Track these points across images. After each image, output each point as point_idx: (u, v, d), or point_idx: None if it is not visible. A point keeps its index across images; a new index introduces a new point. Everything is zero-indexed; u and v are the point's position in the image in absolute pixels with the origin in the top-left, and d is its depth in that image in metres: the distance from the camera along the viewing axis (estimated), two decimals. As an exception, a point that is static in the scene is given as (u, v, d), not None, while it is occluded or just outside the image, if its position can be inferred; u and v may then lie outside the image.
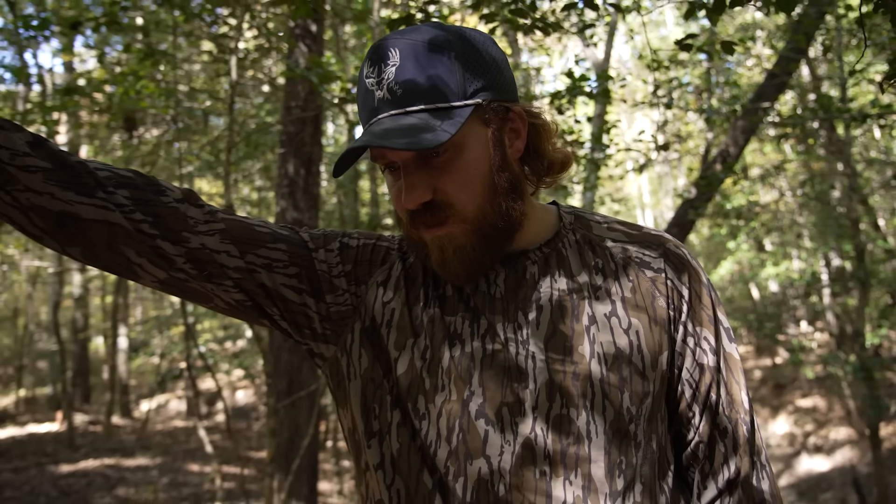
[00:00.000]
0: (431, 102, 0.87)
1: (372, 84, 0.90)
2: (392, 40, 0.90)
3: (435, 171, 0.90)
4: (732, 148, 6.39)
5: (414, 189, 0.89)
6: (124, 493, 8.23)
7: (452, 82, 0.88)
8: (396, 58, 0.88)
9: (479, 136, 0.91)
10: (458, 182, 0.90)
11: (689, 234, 6.92)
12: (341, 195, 7.44)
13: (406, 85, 0.87)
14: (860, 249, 8.69)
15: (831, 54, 7.78)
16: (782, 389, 14.24)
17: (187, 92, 6.59)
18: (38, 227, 0.88)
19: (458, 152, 0.90)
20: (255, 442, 11.77)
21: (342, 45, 7.86)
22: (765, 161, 12.56)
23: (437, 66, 0.88)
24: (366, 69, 0.91)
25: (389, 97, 0.88)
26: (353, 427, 0.98)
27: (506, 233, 0.93)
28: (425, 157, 0.89)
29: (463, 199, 0.90)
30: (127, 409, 14.04)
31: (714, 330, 0.97)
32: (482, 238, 0.91)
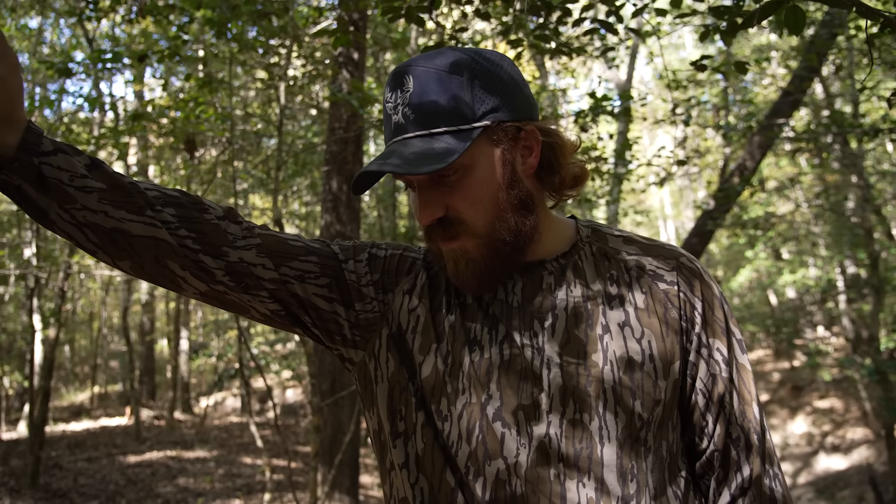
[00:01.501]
0: (440, 126, 0.87)
1: (390, 109, 0.91)
2: (408, 67, 0.90)
3: (447, 189, 0.90)
4: (749, 162, 6.26)
5: (427, 206, 0.90)
6: (184, 483, 8.36)
7: (462, 106, 0.88)
8: (410, 84, 0.88)
9: (488, 155, 0.90)
10: (467, 200, 0.89)
11: (709, 244, 6.79)
12: (381, 209, 7.48)
13: (417, 110, 0.87)
14: (874, 257, 8.42)
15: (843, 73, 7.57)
16: (800, 391, 13.84)
17: (242, 116, 6.71)
18: (93, 242, 0.90)
19: (468, 172, 0.89)
20: (302, 437, 11.87)
21: (382, 71, 7.93)
22: (780, 174, 12.28)
23: (448, 92, 0.88)
24: (386, 94, 0.92)
25: (403, 122, 0.88)
26: (378, 428, 0.98)
27: (516, 247, 0.92)
28: (438, 177, 0.89)
29: (473, 216, 0.90)
30: (188, 405, 14.30)
31: (727, 341, 0.94)
32: (493, 252, 0.90)
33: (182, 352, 13.56)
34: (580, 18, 2.28)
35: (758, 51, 10.77)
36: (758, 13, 1.23)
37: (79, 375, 18.36)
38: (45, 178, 0.85)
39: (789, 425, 12.99)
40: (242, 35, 4.35)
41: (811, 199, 11.37)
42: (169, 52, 3.26)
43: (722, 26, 1.96)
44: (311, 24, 5.32)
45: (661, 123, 6.11)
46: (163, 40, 6.30)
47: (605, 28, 2.28)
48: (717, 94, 7.98)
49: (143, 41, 7.02)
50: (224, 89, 4.86)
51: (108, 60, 4.63)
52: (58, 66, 4.19)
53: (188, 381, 14.68)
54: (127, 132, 4.47)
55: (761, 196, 9.92)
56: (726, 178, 6.38)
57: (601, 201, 7.60)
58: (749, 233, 9.17)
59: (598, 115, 4.10)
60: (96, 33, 8.00)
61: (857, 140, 7.12)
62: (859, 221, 8.95)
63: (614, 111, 4.13)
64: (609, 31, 2.28)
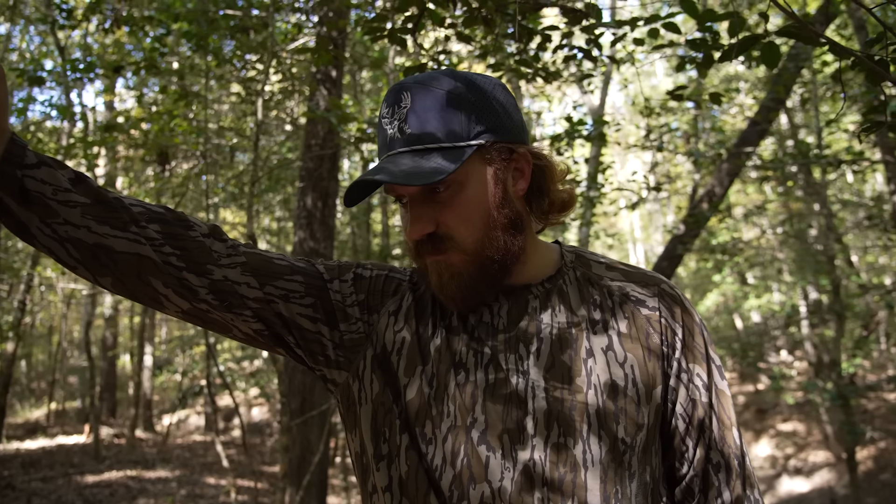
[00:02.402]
0: (435, 142, 0.88)
1: (386, 123, 0.92)
2: (407, 84, 0.92)
3: (438, 205, 0.91)
4: (718, 188, 6.40)
5: (418, 221, 0.91)
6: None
7: (457, 124, 0.89)
8: (408, 101, 0.90)
9: (480, 174, 0.92)
10: (458, 217, 0.90)
11: (678, 268, 6.90)
12: (355, 226, 7.46)
13: (414, 126, 0.89)
14: (836, 284, 8.65)
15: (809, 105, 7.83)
16: (764, 414, 14.06)
17: (216, 130, 6.65)
18: (74, 258, 0.88)
19: (460, 189, 0.91)
20: (268, 457, 11.64)
21: (359, 89, 7.95)
22: (747, 201, 12.58)
23: (444, 110, 0.90)
24: (383, 109, 0.94)
25: (399, 136, 0.90)
26: (361, 450, 0.97)
27: (503, 265, 0.92)
28: (430, 192, 0.90)
29: (462, 233, 0.91)
30: (149, 423, 13.93)
31: (706, 367, 0.96)
32: (479, 269, 0.91)
33: (145, 368, 13.24)
34: (561, 45, 2.33)
35: (726, 80, 11.08)
36: (736, 48, 1.27)
37: (35, 391, 17.78)
38: (27, 192, 0.84)
39: (753, 448, 13.17)
40: (220, 49, 4.33)
41: (776, 226, 11.67)
42: (146, 64, 3.23)
43: (698, 58, 2.01)
44: (290, 41, 5.33)
45: (632, 148, 6.23)
46: (136, 51, 6.24)
47: (585, 56, 2.32)
48: (688, 122, 8.18)
49: (115, 51, 6.93)
50: (199, 102, 4.82)
51: (82, 70, 4.56)
52: (29, 75, 4.12)
53: (151, 399, 14.32)
54: (99, 143, 4.40)
55: (729, 222, 10.15)
56: (695, 204, 6.52)
57: (573, 224, 7.69)
58: (716, 257, 9.36)
59: (573, 140, 4.17)
60: (68, 42, 7.88)
61: (822, 170, 7.35)
62: (822, 249, 9.20)
63: (589, 136, 4.20)
64: (588, 58, 2.33)
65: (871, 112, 2.28)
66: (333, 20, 4.67)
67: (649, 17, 2.21)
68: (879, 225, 7.38)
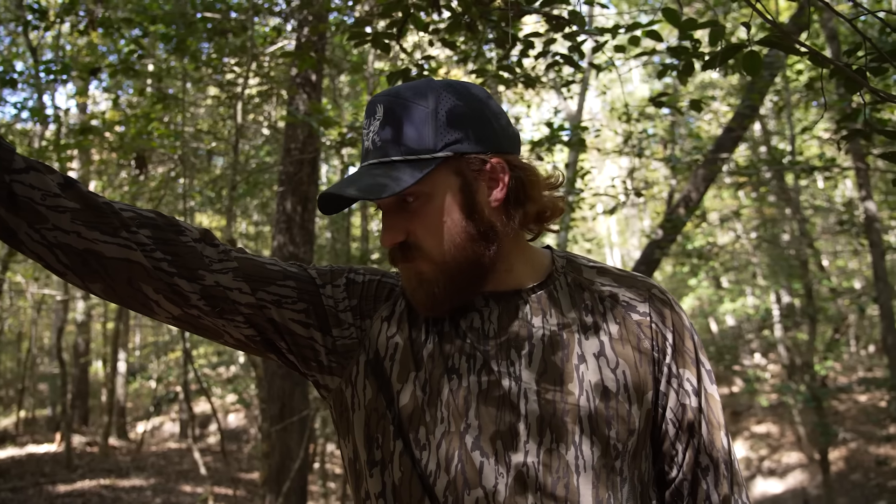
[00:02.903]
0: (402, 155, 0.89)
1: (364, 135, 0.95)
2: (380, 97, 0.94)
3: (409, 215, 0.92)
4: (694, 194, 6.49)
5: (389, 230, 0.93)
6: (119, 513, 7.97)
7: (426, 136, 0.90)
8: (380, 113, 0.92)
9: (450, 185, 0.92)
10: (425, 227, 0.92)
11: (655, 272, 6.98)
12: (333, 231, 7.42)
13: (383, 137, 0.91)
14: (809, 288, 8.82)
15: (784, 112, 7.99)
16: (739, 416, 14.26)
17: (193, 133, 6.58)
18: (63, 264, 0.87)
19: (428, 200, 0.92)
20: (245, 464, 11.50)
21: (338, 94, 7.93)
22: (722, 206, 12.77)
23: (411, 122, 0.90)
24: (364, 120, 0.96)
25: (372, 148, 0.92)
26: (354, 457, 0.96)
27: (473, 275, 0.93)
28: (401, 202, 0.92)
29: (430, 243, 0.92)
30: (123, 431, 13.69)
31: (696, 371, 0.97)
32: (447, 278, 0.92)
33: (119, 374, 13.01)
34: (544, 52, 2.35)
35: (701, 88, 11.25)
36: (720, 56, 1.30)
37: (3, 399, 17.36)
38: (16, 197, 0.82)
39: (729, 450, 13.30)
40: (198, 52, 4.29)
41: (749, 231, 11.87)
42: (123, 66, 3.19)
43: (679, 65, 2.05)
44: (269, 44, 5.29)
45: (605, 153, 6.29)
46: (111, 54, 6.15)
47: (568, 63, 2.35)
48: (665, 128, 8.30)
49: (88, 53, 6.83)
50: (177, 106, 4.77)
51: (56, 72, 4.49)
52: (0, 77, 4.04)
53: (124, 406, 14.07)
54: (74, 146, 4.33)
55: (704, 227, 10.30)
56: (672, 209, 6.60)
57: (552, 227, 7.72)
58: (692, 262, 9.48)
59: (553, 145, 4.20)
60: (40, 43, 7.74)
61: (795, 176, 7.49)
62: (794, 253, 9.38)
63: (570, 141, 4.24)
64: (571, 65, 2.35)
65: (844, 120, 2.34)
66: (313, 24, 4.65)
67: (630, 25, 2.24)
68: (850, 230, 7.55)
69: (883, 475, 10.46)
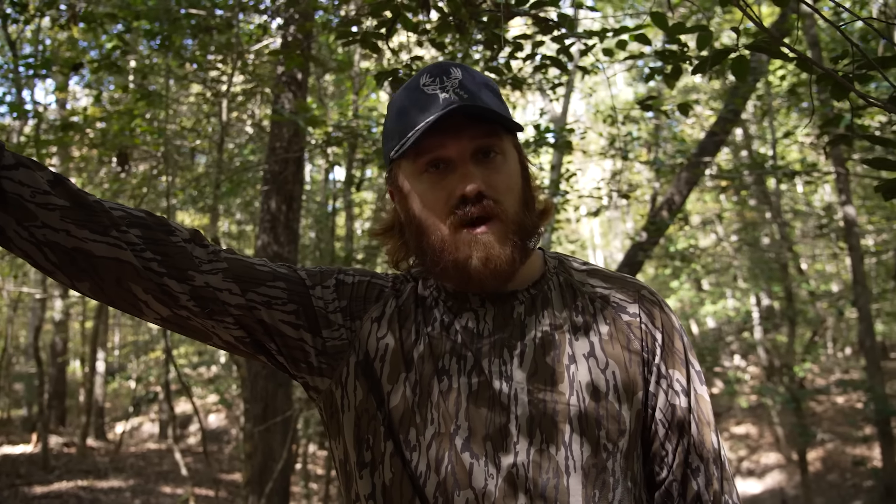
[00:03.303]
0: (495, 108, 0.92)
1: (433, 89, 0.92)
2: (451, 63, 0.95)
3: (486, 171, 0.92)
4: (677, 197, 6.55)
5: (472, 178, 0.90)
6: (97, 514, 7.86)
7: (501, 106, 0.95)
8: (459, 74, 0.93)
9: (513, 153, 0.96)
10: (506, 184, 0.93)
11: (638, 274, 7.04)
12: (318, 231, 7.39)
13: (470, 92, 0.91)
14: (789, 291, 8.93)
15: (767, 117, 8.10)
16: (719, 417, 14.41)
17: (176, 131, 6.52)
18: (51, 262, 0.86)
19: (506, 160, 0.94)
20: (226, 465, 11.40)
21: (323, 92, 7.89)
22: (703, 209, 12.90)
23: (493, 90, 0.96)
24: (423, 80, 0.94)
25: (456, 98, 0.90)
26: (344, 458, 0.96)
27: (527, 247, 0.94)
28: (484, 154, 0.92)
29: (510, 200, 0.93)
30: (101, 431, 13.51)
31: (686, 372, 0.97)
32: (519, 246, 0.92)
33: (98, 374, 12.84)
34: (532, 54, 2.36)
35: (684, 92, 11.36)
36: (710, 60, 1.31)
37: (-22, 399, 17.05)
38: (5, 194, 0.81)
39: (709, 451, 13.44)
40: (183, 48, 4.25)
41: (730, 234, 12.00)
42: (106, 63, 3.14)
43: (667, 69, 2.06)
44: (255, 42, 5.26)
45: (596, 155, 6.33)
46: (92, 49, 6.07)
47: (556, 65, 2.36)
48: (649, 131, 8.37)
49: (69, 48, 6.73)
50: (160, 102, 4.72)
51: (36, 67, 4.42)
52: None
53: (103, 406, 13.89)
54: (54, 143, 4.26)
55: (686, 229, 10.40)
56: (655, 212, 6.66)
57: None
58: (675, 264, 9.57)
59: (540, 147, 4.22)
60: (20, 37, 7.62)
61: (776, 181, 7.59)
62: (774, 256, 9.50)
63: (556, 143, 4.26)
64: (559, 67, 2.36)
65: (827, 125, 2.37)
66: (299, 22, 4.63)
67: (618, 29, 2.26)
68: (830, 234, 7.67)
69: (859, 476, 10.63)
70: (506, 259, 0.90)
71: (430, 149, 0.91)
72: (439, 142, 0.90)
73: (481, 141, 0.90)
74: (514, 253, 0.91)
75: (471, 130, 0.90)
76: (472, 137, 0.90)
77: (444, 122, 0.88)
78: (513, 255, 0.91)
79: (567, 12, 2.07)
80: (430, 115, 0.89)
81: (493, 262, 0.90)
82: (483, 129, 0.91)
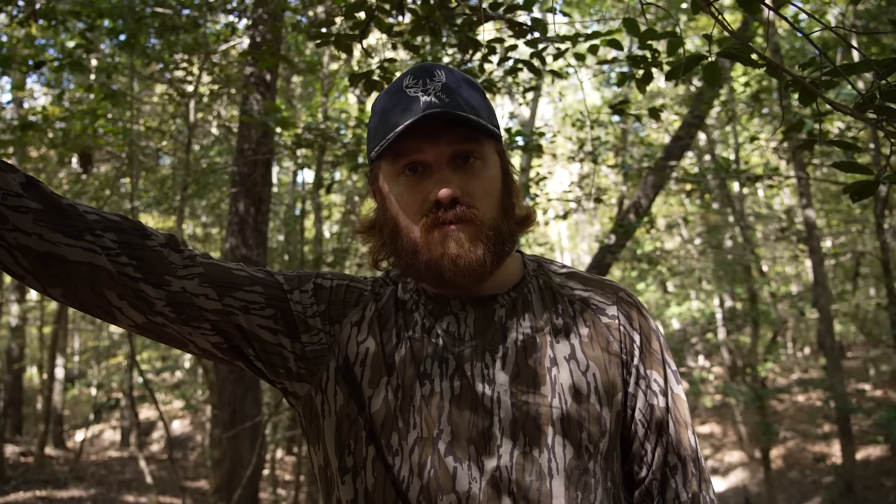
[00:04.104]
0: (472, 114, 0.91)
1: (415, 91, 0.91)
2: (435, 66, 0.95)
3: (464, 175, 0.92)
4: (644, 200, 6.66)
5: (447, 182, 0.90)
6: (56, 525, 7.64)
7: (485, 110, 0.94)
8: (442, 76, 0.92)
9: (495, 159, 0.96)
10: (483, 189, 0.92)
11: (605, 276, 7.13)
12: (287, 233, 7.31)
13: (451, 95, 0.91)
14: (752, 292, 9.14)
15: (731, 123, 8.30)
16: (684, 417, 14.63)
17: (141, 131, 6.39)
18: (22, 267, 0.83)
19: (485, 165, 0.93)
20: (191, 472, 11.19)
21: (291, 94, 7.82)
22: (668, 212, 13.13)
23: (477, 94, 0.95)
24: (407, 81, 0.93)
25: (436, 101, 0.89)
26: (324, 464, 0.95)
27: (503, 251, 0.94)
28: (462, 159, 0.92)
29: (485, 205, 0.92)
30: (60, 439, 13.14)
31: (663, 372, 0.99)
32: (491, 249, 0.92)
33: (57, 381, 12.48)
34: (505, 58, 2.37)
35: (649, 97, 11.55)
36: (683, 66, 1.33)
37: (-71, 408, 16.42)
38: (-26, 196, 0.78)
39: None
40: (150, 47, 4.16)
41: (694, 237, 12.24)
42: (69, 61, 3.06)
43: (638, 74, 2.10)
44: (222, 42, 5.18)
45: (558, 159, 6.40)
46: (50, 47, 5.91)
47: (529, 69, 2.37)
48: (616, 135, 8.49)
49: (27, 46, 6.54)
50: (125, 103, 4.61)
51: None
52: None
53: (62, 413, 13.50)
54: (16, 142, 4.13)
55: (653, 232, 10.57)
56: (623, 215, 6.76)
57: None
58: (641, 267, 9.71)
59: (511, 150, 4.25)
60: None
61: (740, 184, 7.77)
62: (738, 259, 9.72)
63: (527, 146, 4.29)
64: (532, 71, 2.38)
65: (790, 130, 2.44)
66: (268, 22, 4.58)
67: (590, 34, 2.28)
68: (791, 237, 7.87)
69: (818, 472, 10.92)
70: (475, 259, 0.90)
71: (408, 152, 0.91)
72: (417, 145, 0.90)
73: (459, 146, 0.90)
74: (486, 255, 0.91)
75: (449, 135, 0.90)
76: (450, 142, 0.90)
77: (421, 125, 0.88)
78: (484, 258, 0.91)
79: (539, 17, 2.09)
80: (410, 118, 0.88)
81: (462, 259, 0.90)
82: (461, 134, 0.90)
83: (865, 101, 1.14)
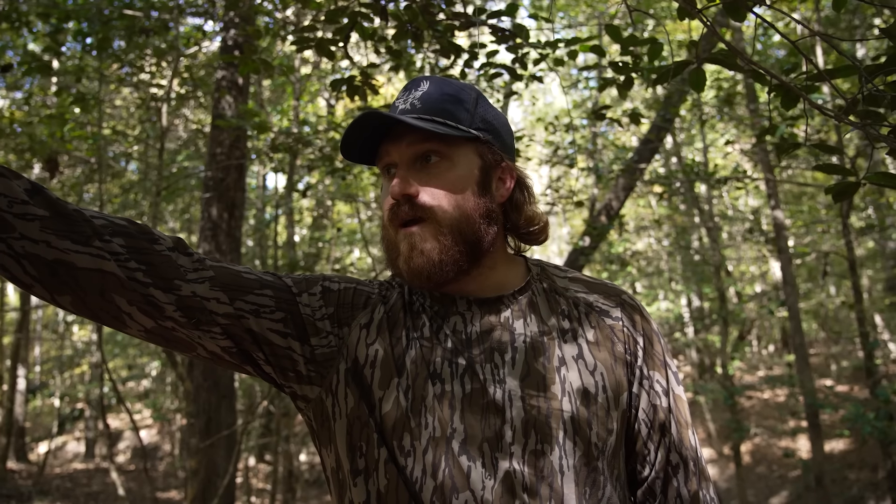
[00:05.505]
0: (441, 118, 0.94)
1: (397, 101, 0.99)
2: (427, 77, 1.00)
3: (426, 175, 0.95)
4: (615, 202, 6.75)
5: (403, 181, 0.94)
6: (21, 541, 7.42)
7: (462, 113, 0.97)
8: (426, 86, 0.97)
9: (472, 161, 0.98)
10: (443, 189, 0.95)
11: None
12: (259, 238, 7.23)
13: (425, 101, 0.95)
14: (721, 292, 9.33)
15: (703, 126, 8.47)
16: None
17: (111, 135, 6.26)
18: (31, 276, 0.82)
19: (450, 167, 0.96)
20: (160, 482, 10.97)
21: (260, 97, 7.74)
22: (636, 214, 13.33)
23: (457, 97, 0.97)
24: (399, 95, 1.00)
25: (409, 108, 0.95)
26: (336, 466, 0.95)
27: (472, 251, 0.95)
28: (423, 159, 0.95)
29: (443, 205, 0.94)
30: (22, 452, 12.75)
31: (665, 373, 1.02)
32: (451, 244, 0.93)
33: (18, 392, 12.12)
34: (488, 63, 2.40)
35: (617, 99, 11.72)
36: (671, 71, 1.37)
37: None
38: (-22, 205, 0.77)
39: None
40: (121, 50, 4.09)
41: (661, 239, 12.45)
42: (38, 64, 2.99)
43: (619, 79, 2.14)
44: (192, 45, 5.11)
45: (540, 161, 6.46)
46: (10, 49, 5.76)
47: (510, 74, 2.40)
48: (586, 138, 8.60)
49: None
50: (93, 106, 4.52)
51: (-45, 67, 4.14)
52: None
53: (24, 426, 13.11)
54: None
55: (624, 234, 10.72)
56: (595, 217, 6.84)
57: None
58: (612, 268, 9.84)
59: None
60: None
61: (709, 186, 7.93)
62: (707, 259, 9.92)
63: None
64: (513, 76, 2.41)
65: (763, 134, 2.50)
66: (240, 25, 4.53)
67: (570, 40, 2.32)
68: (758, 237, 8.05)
69: (785, 467, 11.19)
70: (427, 259, 0.92)
71: (382, 155, 0.98)
72: (386, 149, 0.96)
73: (418, 146, 0.94)
74: (443, 255, 0.92)
75: (410, 136, 0.94)
76: (410, 143, 0.95)
77: (387, 129, 0.96)
78: (440, 258, 0.92)
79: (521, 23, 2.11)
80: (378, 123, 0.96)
81: (414, 260, 0.93)
82: (421, 134, 0.94)
83: (849, 104, 1.19)
